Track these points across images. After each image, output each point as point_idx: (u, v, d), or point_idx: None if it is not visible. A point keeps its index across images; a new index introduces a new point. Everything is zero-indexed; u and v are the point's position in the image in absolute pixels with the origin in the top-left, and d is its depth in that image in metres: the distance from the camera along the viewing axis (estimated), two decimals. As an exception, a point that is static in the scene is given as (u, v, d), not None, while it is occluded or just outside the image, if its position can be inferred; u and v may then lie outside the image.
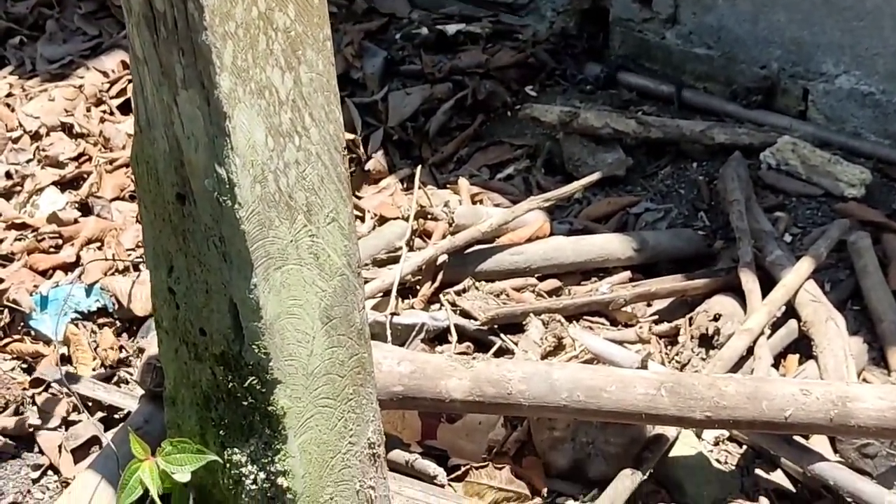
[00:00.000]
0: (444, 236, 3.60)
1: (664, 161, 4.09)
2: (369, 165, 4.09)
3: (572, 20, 4.63)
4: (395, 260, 3.48)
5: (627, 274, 3.66)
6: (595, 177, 3.79)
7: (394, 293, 3.33)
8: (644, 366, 2.98)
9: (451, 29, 4.57)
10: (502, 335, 3.36)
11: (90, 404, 3.06)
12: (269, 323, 2.44)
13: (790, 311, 3.33)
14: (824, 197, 3.84)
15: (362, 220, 3.82)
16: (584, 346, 3.24)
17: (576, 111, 4.08)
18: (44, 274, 3.51)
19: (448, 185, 4.02)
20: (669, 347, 3.38)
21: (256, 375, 2.48)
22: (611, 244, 3.69)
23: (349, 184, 2.55)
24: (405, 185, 4.08)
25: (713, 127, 4.08)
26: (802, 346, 3.27)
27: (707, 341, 3.31)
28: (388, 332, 3.27)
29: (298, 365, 2.52)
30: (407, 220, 3.63)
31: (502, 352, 3.34)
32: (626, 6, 4.45)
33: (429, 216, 3.71)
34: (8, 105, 4.24)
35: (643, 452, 2.94)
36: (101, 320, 3.37)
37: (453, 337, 3.29)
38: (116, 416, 3.08)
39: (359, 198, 3.98)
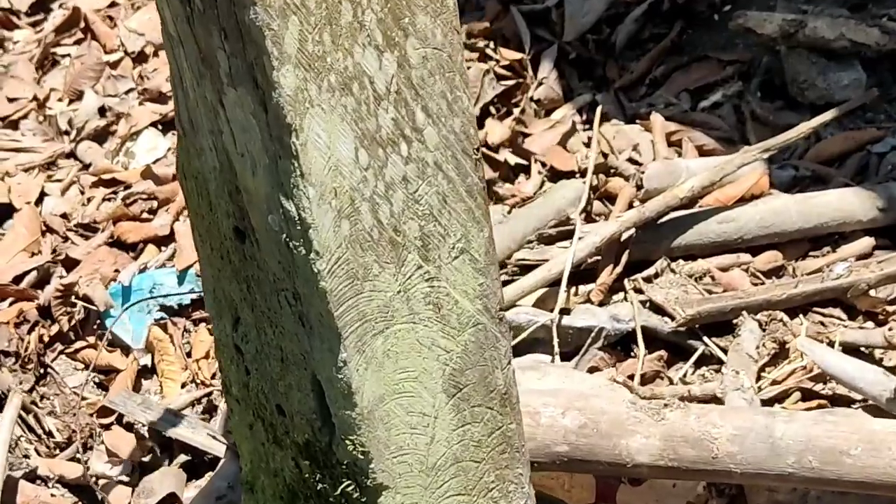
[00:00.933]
0: (630, 204, 2.79)
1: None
2: (538, 94, 3.28)
3: None
4: (568, 235, 2.70)
5: (870, 241, 2.82)
6: (829, 115, 2.90)
7: (563, 286, 2.55)
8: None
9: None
10: (706, 339, 2.57)
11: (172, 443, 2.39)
12: (369, 410, 1.71)
13: None
14: None
15: (528, 173, 3.03)
16: (815, 362, 2.43)
17: (801, 19, 3.17)
18: (132, 249, 2.82)
19: (638, 119, 3.18)
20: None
21: (353, 479, 1.75)
22: (847, 202, 2.83)
23: (485, 197, 1.77)
24: (584, 117, 3.25)
25: None
26: None
27: None
28: (556, 338, 2.52)
29: (413, 460, 1.79)
30: (584, 175, 2.83)
31: (705, 360, 2.56)
32: None
33: (612, 171, 2.90)
34: (109, 18, 3.52)
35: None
36: (196, 315, 2.67)
37: (640, 348, 2.51)
38: (207, 458, 2.40)
39: (525, 136, 3.17)
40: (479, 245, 1.81)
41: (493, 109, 3.26)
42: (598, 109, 3.03)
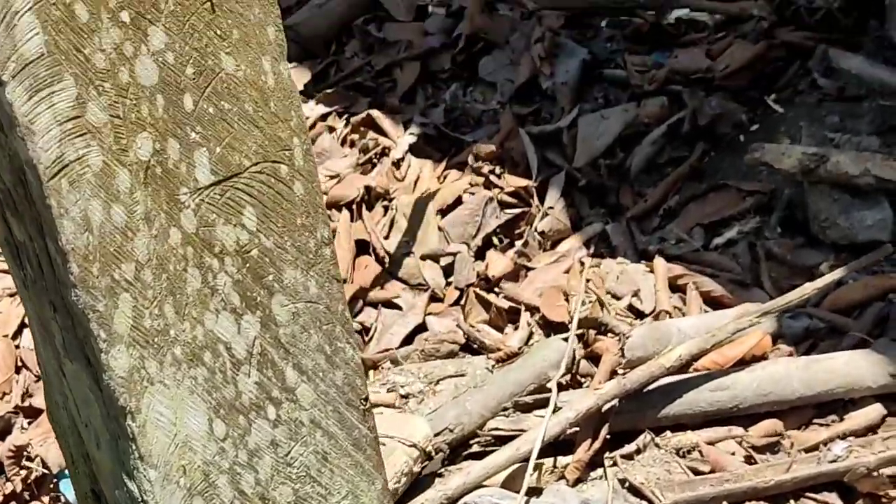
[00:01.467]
0: (613, 372, 2.61)
1: (949, 220, 2.96)
2: (544, 224, 3.10)
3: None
4: (547, 403, 2.53)
5: (880, 410, 2.59)
6: (837, 274, 2.68)
7: (530, 468, 2.39)
8: None
9: (672, 15, 3.48)
10: (685, 530, 2.39)
11: None
12: None
13: None
14: None
15: (515, 322, 2.86)
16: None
17: (823, 153, 2.95)
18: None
19: (648, 257, 2.99)
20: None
21: None
22: (855, 367, 2.61)
23: (377, 447, 1.62)
24: (592, 250, 3.07)
25: None
26: None
27: None
28: (521, 526, 2.35)
29: None
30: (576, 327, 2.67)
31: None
32: (910, -14, 3.25)
33: (603, 327, 2.72)
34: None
35: None
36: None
37: (610, 540, 2.34)
38: None
39: (528, 270, 3.01)
40: (371, 499, 1.67)
41: (495, 240, 3.10)
42: (588, 263, 2.85)
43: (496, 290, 3.00)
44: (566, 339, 2.67)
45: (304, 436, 1.59)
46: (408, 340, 2.94)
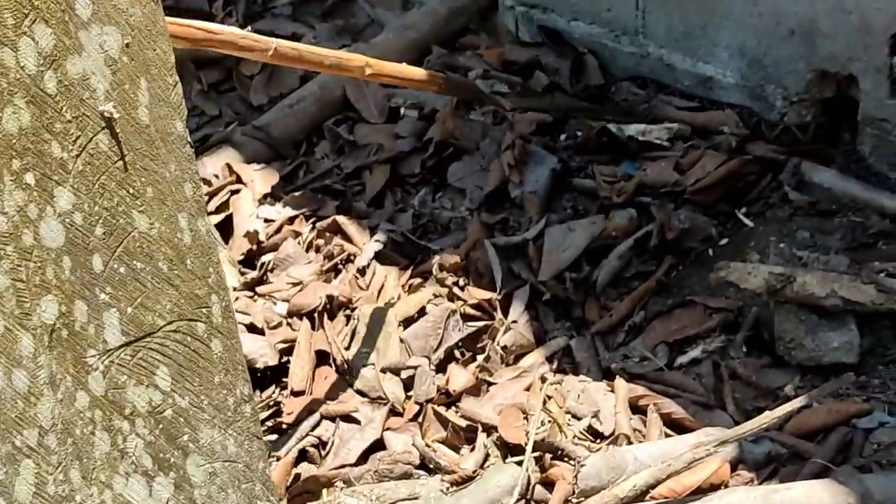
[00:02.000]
0: (566, 501, 2.55)
1: (916, 343, 2.92)
2: (505, 339, 3.06)
3: (810, 113, 3.43)
4: (496, 534, 2.47)
5: (840, 542, 2.53)
6: (797, 404, 2.63)
7: None
8: None
9: (628, 130, 3.46)
10: None
11: None
12: None
13: None
14: None
15: (473, 442, 2.81)
16: None
17: (790, 273, 2.91)
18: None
19: (611, 375, 2.94)
20: None
21: None
22: (815, 499, 2.55)
23: None
24: (556, 365, 3.03)
25: None
26: None
27: None
28: None
29: None
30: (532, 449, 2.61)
31: None
32: (881, 103, 3.23)
33: (559, 451, 2.67)
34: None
35: None
36: None
37: None
38: None
39: (490, 385, 2.96)
40: None
41: (457, 353, 3.05)
42: (549, 379, 2.80)
43: (456, 405, 2.95)
44: (521, 464, 2.61)
45: None
46: (364, 456, 2.88)
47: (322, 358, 3.08)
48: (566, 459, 2.67)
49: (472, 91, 3.61)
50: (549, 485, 2.64)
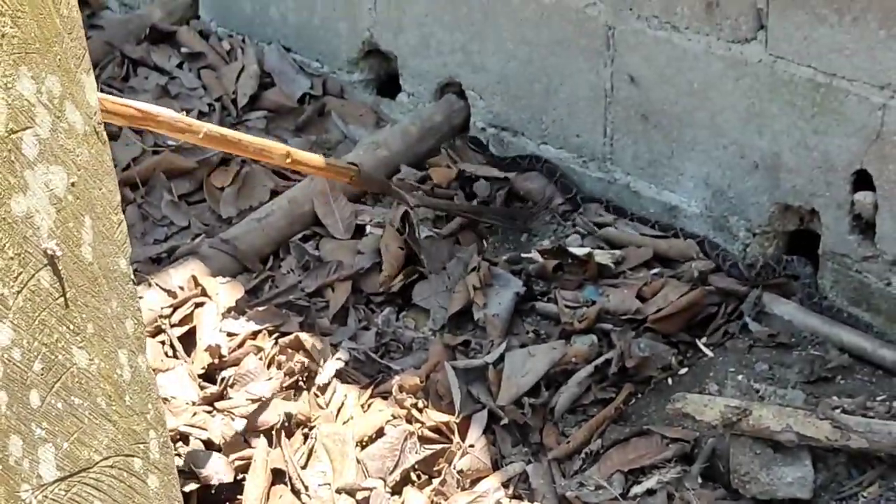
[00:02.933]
0: None
1: (868, 477, 2.92)
2: (461, 463, 3.05)
3: (772, 245, 3.47)
4: None
5: None
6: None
7: None
8: None
9: (579, 250, 3.51)
10: None
11: None
12: None
13: None
14: None
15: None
16: None
17: (745, 407, 2.93)
18: None
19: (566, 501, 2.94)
20: None
21: None
22: None
23: None
24: (512, 491, 3.02)
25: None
26: None
27: None
28: None
29: None
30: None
31: None
32: (842, 238, 3.27)
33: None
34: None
35: None
36: None
37: None
38: None
39: (445, 509, 2.95)
40: None
41: (413, 476, 3.05)
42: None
43: (411, 529, 2.94)
44: None
45: None
46: (316, 580, 2.86)
47: (278, 476, 3.07)
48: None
49: (381, 185, 3.70)
50: None
